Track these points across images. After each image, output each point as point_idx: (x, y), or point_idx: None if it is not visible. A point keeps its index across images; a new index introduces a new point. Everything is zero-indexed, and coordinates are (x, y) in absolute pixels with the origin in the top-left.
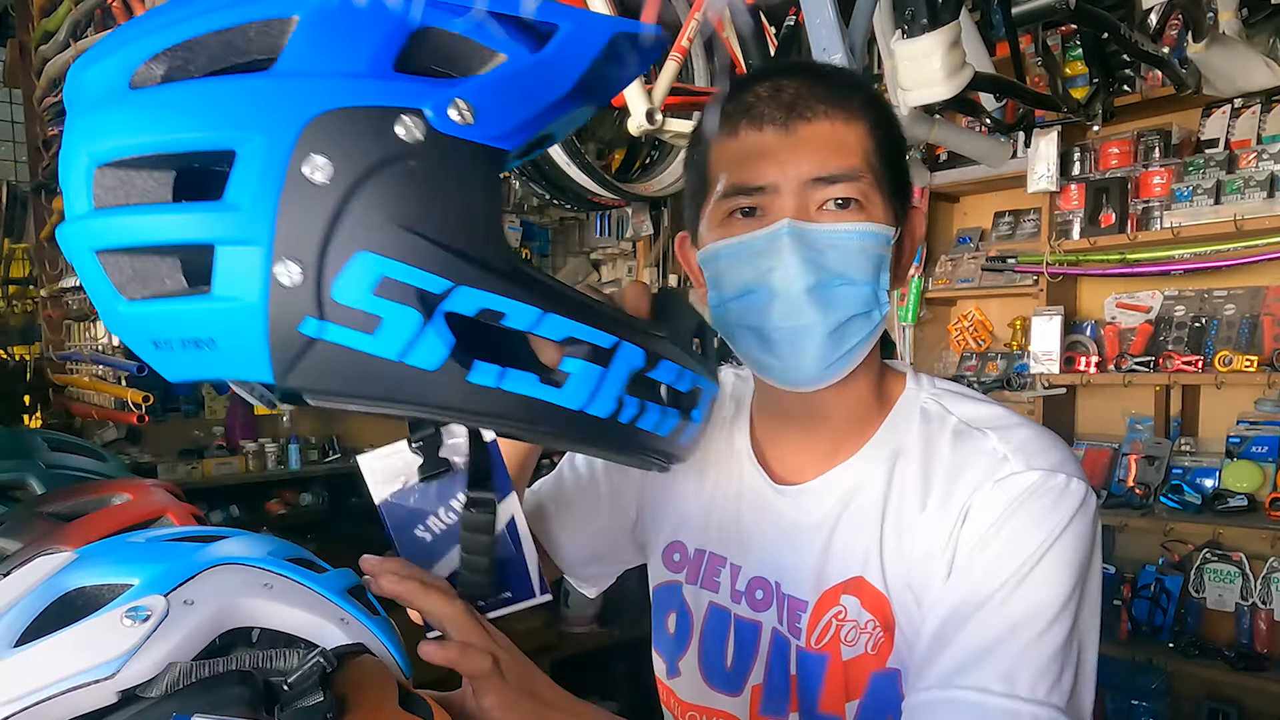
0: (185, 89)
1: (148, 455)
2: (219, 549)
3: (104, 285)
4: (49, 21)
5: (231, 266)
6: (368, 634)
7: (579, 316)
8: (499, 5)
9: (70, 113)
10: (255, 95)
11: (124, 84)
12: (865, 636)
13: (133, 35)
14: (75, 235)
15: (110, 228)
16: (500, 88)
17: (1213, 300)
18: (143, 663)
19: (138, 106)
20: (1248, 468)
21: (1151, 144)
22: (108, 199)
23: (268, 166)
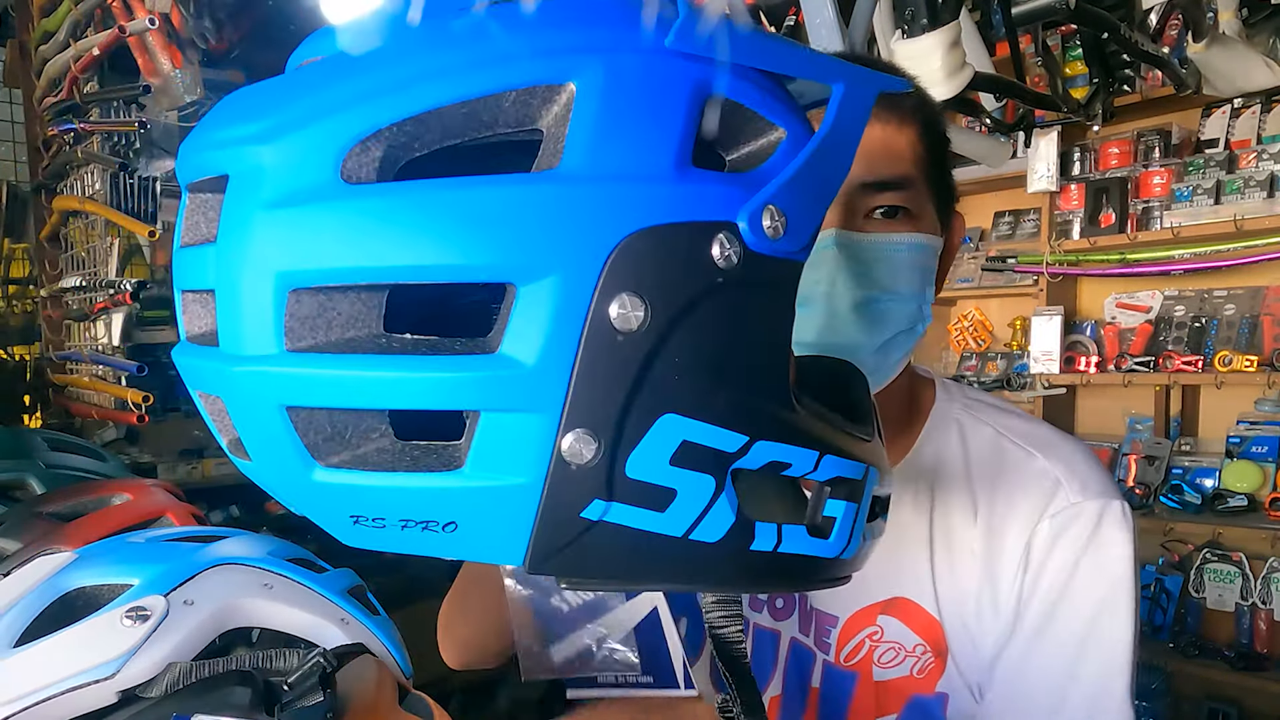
0: (436, 193)
1: (147, 455)
2: (219, 549)
3: (288, 446)
4: (49, 21)
5: (500, 439)
6: (368, 634)
7: (843, 450)
8: (770, 59)
9: (245, 203)
10: (544, 210)
11: (332, 175)
12: (911, 660)
13: (339, 100)
14: (258, 383)
15: (316, 381)
16: (803, 182)
17: (1213, 300)
18: (143, 663)
19: (364, 213)
20: (1247, 468)
21: (1151, 144)
22: (306, 336)
23: (564, 310)
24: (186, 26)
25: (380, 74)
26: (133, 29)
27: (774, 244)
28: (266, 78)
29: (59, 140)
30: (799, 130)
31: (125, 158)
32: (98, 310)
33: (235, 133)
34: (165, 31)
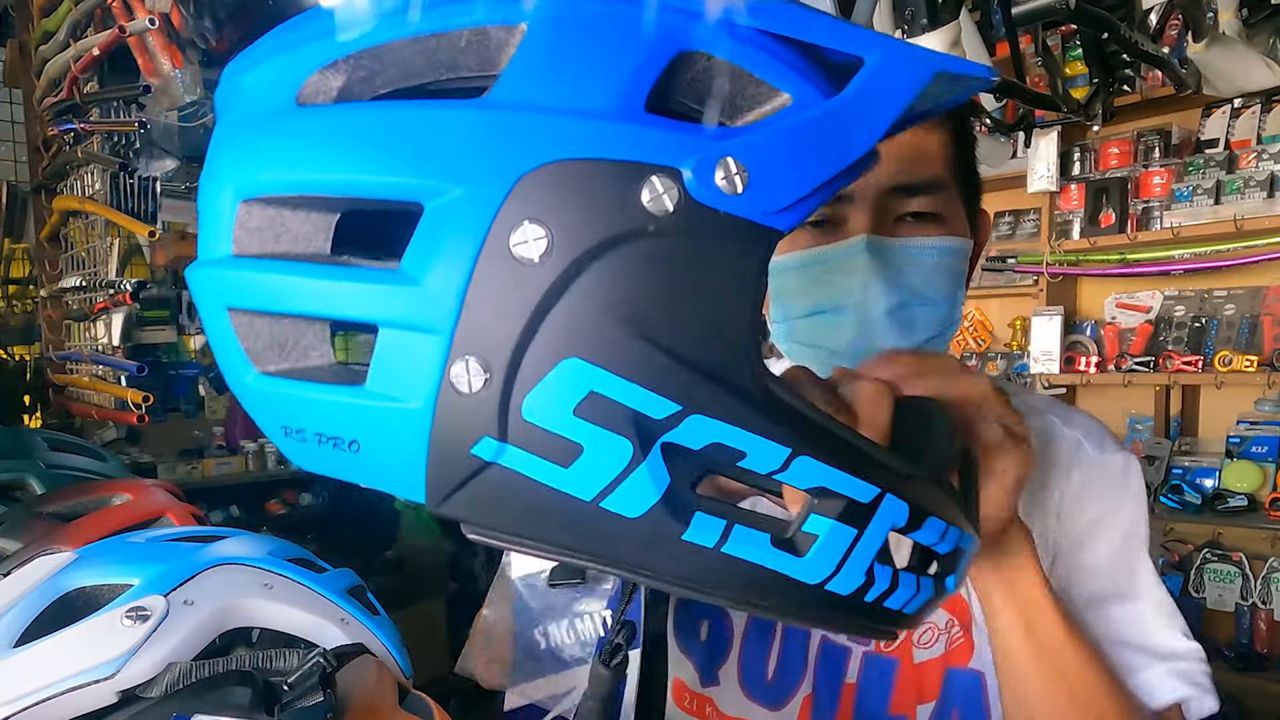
0: (367, 113)
1: (147, 455)
2: (219, 549)
3: (232, 347)
4: (49, 21)
5: (394, 356)
6: (368, 634)
7: (838, 460)
8: (785, 24)
9: (219, 126)
10: (459, 132)
11: (289, 99)
12: (945, 637)
13: (306, 35)
14: (207, 284)
15: (250, 284)
16: (784, 143)
17: (1213, 300)
18: (143, 663)
19: (303, 131)
20: (1247, 468)
21: (1151, 144)
22: (251, 244)
23: (462, 231)
24: (186, 26)
25: (343, 13)
26: (133, 29)
27: (728, 199)
28: None
29: (59, 140)
30: (810, 98)
31: (125, 158)
32: (98, 310)
33: (236, 63)
34: (165, 31)
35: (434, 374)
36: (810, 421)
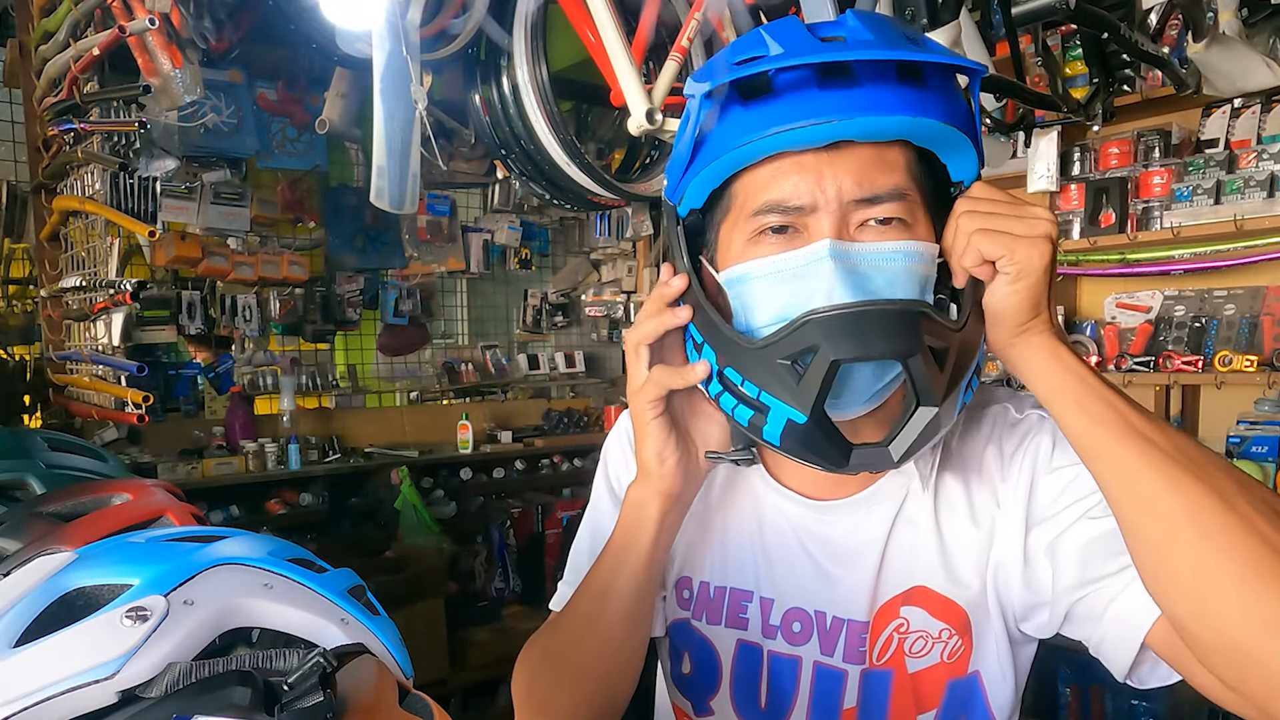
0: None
1: (147, 455)
2: (219, 549)
3: None
4: (49, 21)
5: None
6: (368, 634)
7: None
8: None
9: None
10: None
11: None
12: (939, 646)
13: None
14: None
15: None
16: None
17: (1213, 300)
18: (143, 663)
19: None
20: (1248, 468)
21: (1151, 144)
22: None
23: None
24: (186, 26)
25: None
26: (133, 29)
27: (665, 192)
28: (266, 77)
29: (59, 140)
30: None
31: (125, 158)
32: (98, 310)
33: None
34: (165, 31)
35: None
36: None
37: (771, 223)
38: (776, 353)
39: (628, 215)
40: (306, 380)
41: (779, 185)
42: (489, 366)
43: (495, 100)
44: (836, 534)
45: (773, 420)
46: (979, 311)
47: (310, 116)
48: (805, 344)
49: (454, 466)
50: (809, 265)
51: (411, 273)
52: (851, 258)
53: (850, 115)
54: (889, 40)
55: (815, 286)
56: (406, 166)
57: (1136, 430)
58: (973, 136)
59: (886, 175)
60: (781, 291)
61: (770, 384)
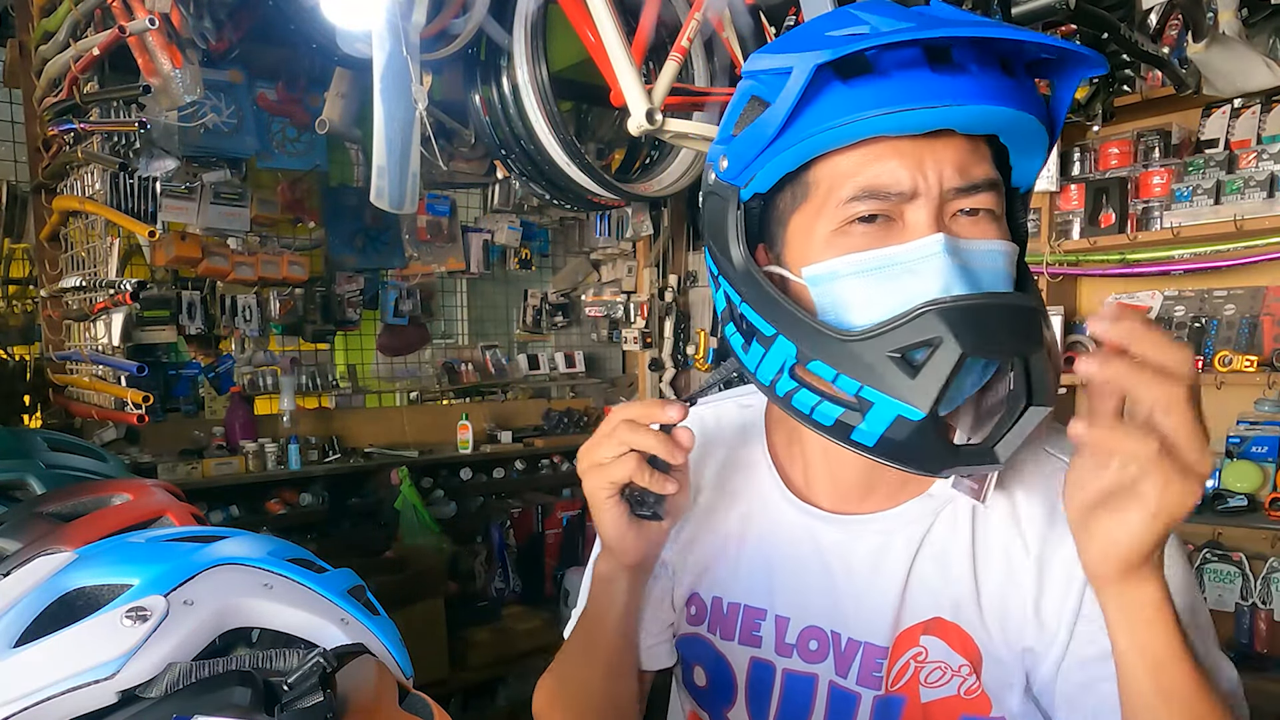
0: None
1: (147, 455)
2: (219, 549)
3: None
4: (49, 21)
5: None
6: (368, 634)
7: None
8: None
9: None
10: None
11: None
12: (957, 680)
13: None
14: None
15: None
16: (741, 140)
17: (1213, 300)
18: (143, 663)
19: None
20: (1247, 468)
21: (1151, 144)
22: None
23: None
24: (186, 26)
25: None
26: (133, 29)
27: (723, 173)
28: (266, 77)
29: (59, 140)
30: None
31: (125, 158)
32: (98, 310)
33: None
34: (165, 31)
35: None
36: (786, 310)
37: (862, 211)
38: (886, 344)
39: (628, 215)
40: (306, 380)
41: (876, 170)
42: (489, 366)
43: (495, 100)
44: (860, 552)
45: (874, 418)
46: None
47: (310, 116)
48: (924, 335)
49: (454, 466)
50: (921, 261)
51: (411, 273)
52: (962, 253)
53: (962, 102)
54: (988, 24)
55: (928, 283)
56: (406, 166)
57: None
58: (1053, 136)
59: (981, 165)
60: (886, 288)
61: (878, 378)
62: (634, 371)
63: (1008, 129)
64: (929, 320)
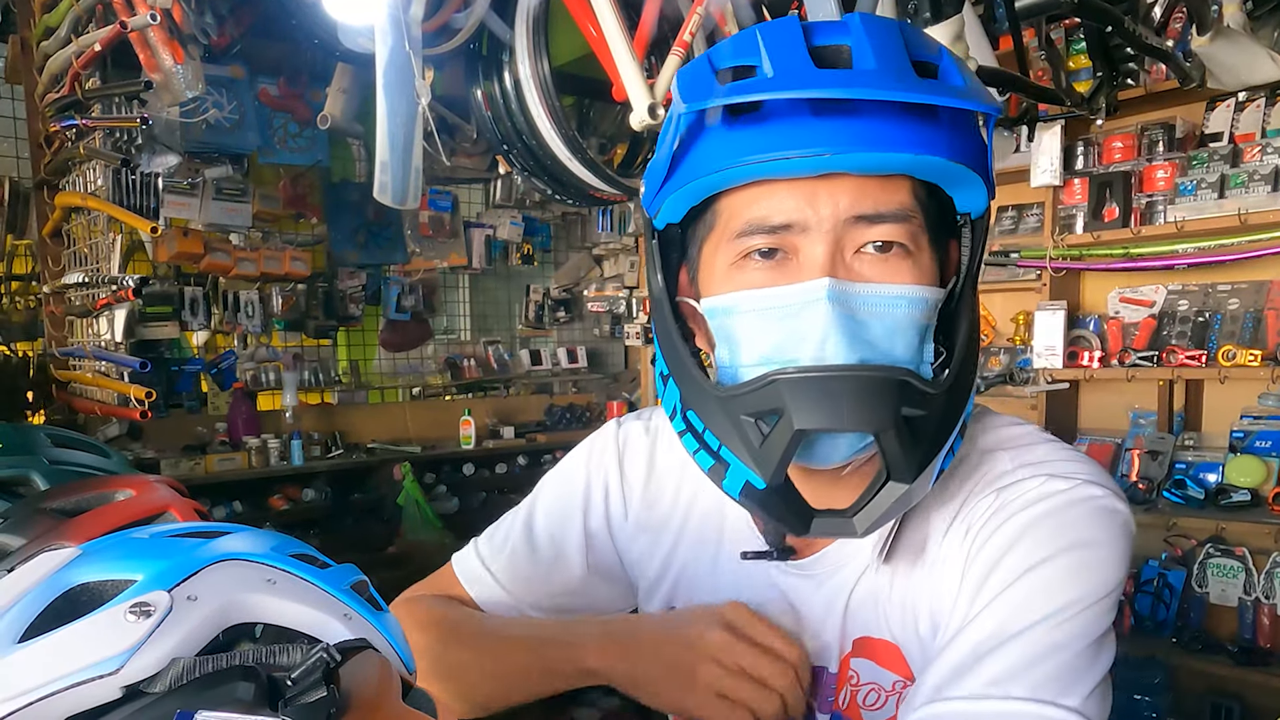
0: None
1: (150, 451)
2: (222, 545)
3: None
4: (50, 17)
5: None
6: (371, 630)
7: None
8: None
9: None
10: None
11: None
12: (893, 698)
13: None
14: None
15: None
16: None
17: (1216, 294)
18: (146, 658)
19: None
20: (1251, 462)
21: (1155, 138)
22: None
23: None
24: (188, 22)
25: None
26: (134, 25)
27: (643, 200)
28: (268, 73)
29: (61, 136)
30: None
31: (127, 154)
32: (100, 306)
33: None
34: (167, 27)
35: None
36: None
37: (758, 245)
38: (740, 407)
39: (630, 210)
40: (309, 376)
41: (766, 203)
42: (491, 362)
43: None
44: (809, 582)
45: (732, 476)
46: (971, 358)
47: (312, 112)
48: (770, 405)
49: (456, 462)
50: (803, 306)
51: (414, 268)
52: (851, 300)
53: (846, 150)
54: (894, 62)
55: (808, 331)
56: (409, 162)
57: None
58: (984, 173)
59: (890, 194)
60: (771, 331)
61: (731, 439)
62: (636, 367)
63: (918, 170)
64: (774, 391)
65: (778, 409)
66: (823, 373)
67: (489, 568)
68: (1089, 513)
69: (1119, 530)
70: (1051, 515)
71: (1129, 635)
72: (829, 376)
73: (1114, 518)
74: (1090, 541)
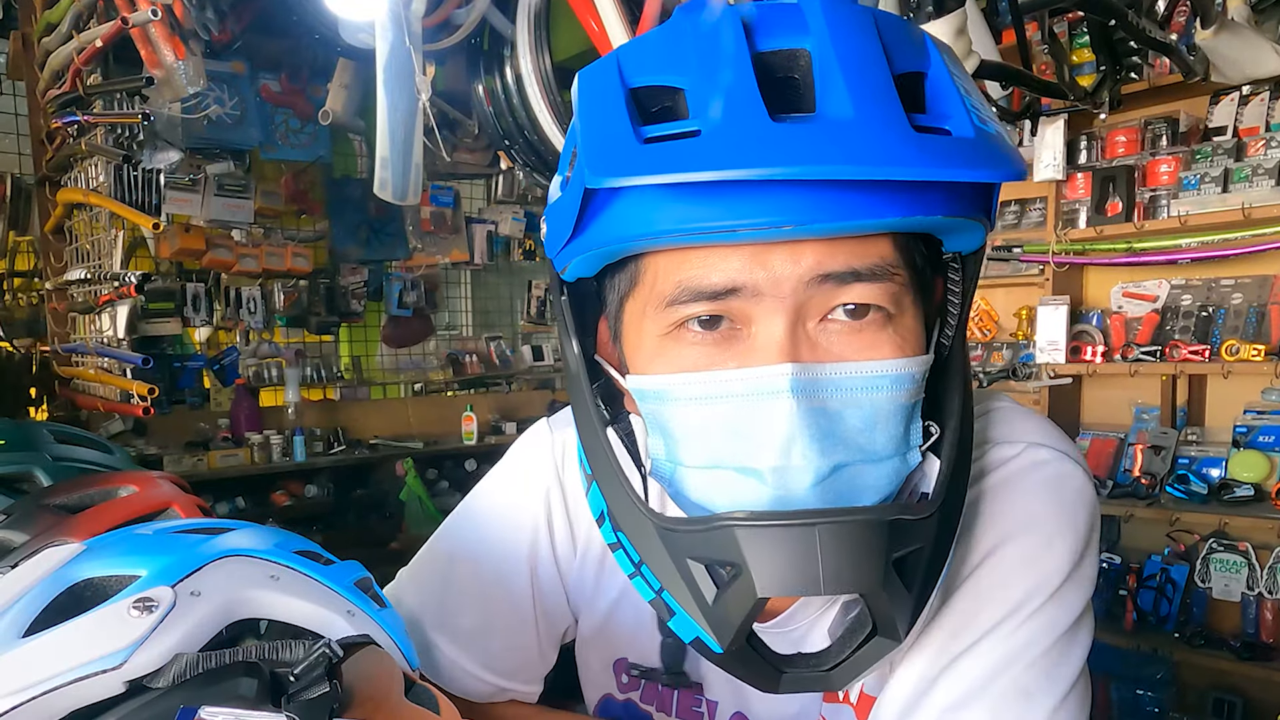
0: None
1: (153, 447)
2: (226, 541)
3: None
4: (51, 14)
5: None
6: (374, 626)
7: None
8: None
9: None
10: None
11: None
12: None
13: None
14: None
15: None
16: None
17: (1220, 289)
18: (150, 653)
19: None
20: (1254, 457)
21: (1159, 132)
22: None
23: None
24: (189, 18)
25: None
26: (135, 21)
27: (545, 242)
28: (269, 69)
29: (62, 133)
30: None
31: (129, 150)
32: (102, 303)
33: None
34: (168, 23)
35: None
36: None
37: (696, 313)
38: (686, 548)
39: None
40: (311, 372)
41: (705, 262)
42: (493, 358)
43: (499, 91)
44: (782, 641)
45: (680, 625)
46: (967, 439)
47: (313, 108)
48: (724, 556)
49: (459, 458)
50: (759, 399)
51: (415, 264)
52: (821, 389)
53: (811, 222)
54: (878, 103)
55: (768, 433)
56: (410, 158)
57: None
58: (986, 218)
59: (864, 247)
60: (718, 427)
61: (676, 587)
62: None
63: (904, 228)
64: (728, 539)
65: (733, 562)
66: (788, 522)
67: (416, 591)
68: (1035, 484)
69: (1071, 497)
70: (994, 494)
71: (1132, 630)
72: (798, 527)
73: (1063, 484)
74: (1038, 520)
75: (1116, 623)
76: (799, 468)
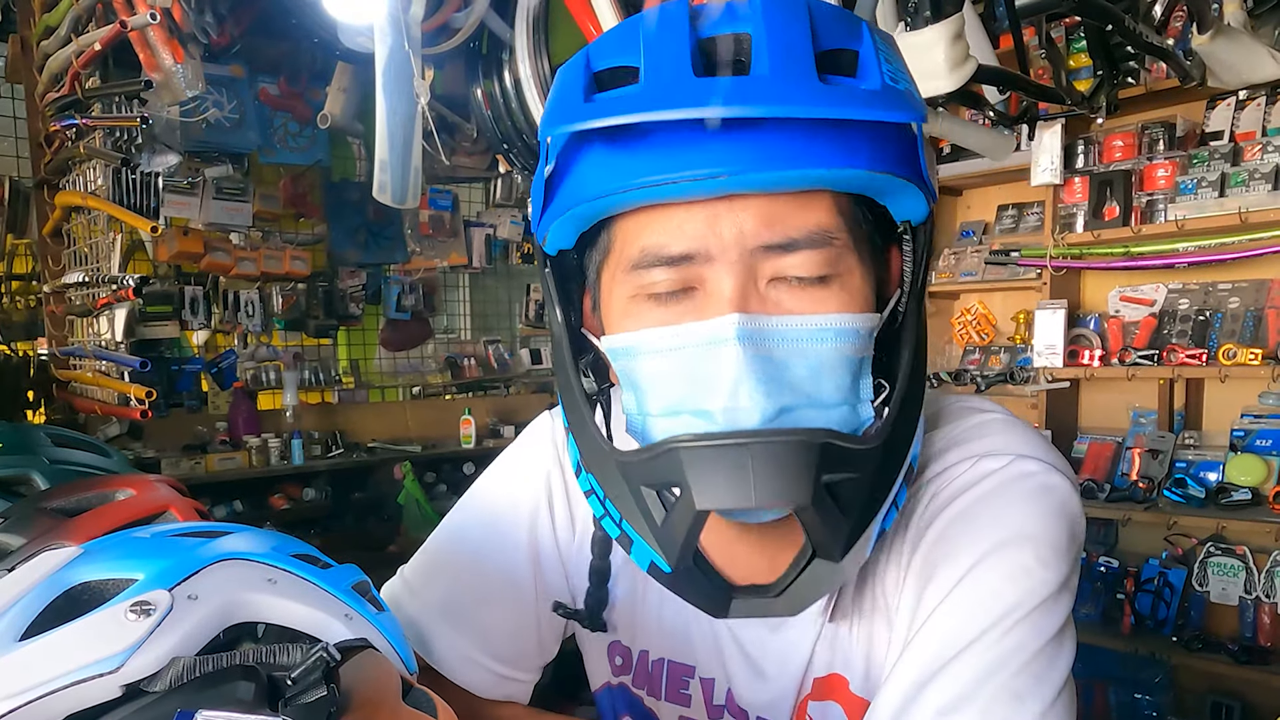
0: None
1: (151, 450)
2: (223, 544)
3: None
4: (50, 17)
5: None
6: (371, 629)
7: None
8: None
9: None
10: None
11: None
12: None
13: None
14: None
15: None
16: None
17: (1217, 293)
18: (147, 657)
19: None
20: (1252, 461)
21: (1156, 136)
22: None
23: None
24: (188, 21)
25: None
26: (134, 24)
27: (532, 220)
28: (268, 72)
29: (61, 136)
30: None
31: (127, 153)
32: (101, 306)
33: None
34: (167, 26)
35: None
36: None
37: (657, 278)
38: (639, 476)
39: None
40: (309, 375)
41: (660, 229)
42: (491, 361)
43: (497, 94)
44: (763, 629)
45: (638, 552)
46: (915, 394)
47: (312, 111)
48: (669, 478)
49: (457, 461)
50: (710, 347)
51: (414, 268)
52: (766, 338)
53: (744, 171)
54: (796, 62)
55: (717, 377)
56: (408, 161)
57: None
58: (917, 179)
59: (805, 213)
60: (676, 377)
61: (632, 514)
62: None
63: (835, 184)
64: (672, 460)
65: (677, 482)
66: (725, 441)
67: (416, 586)
68: (1023, 495)
69: (1056, 509)
70: (982, 504)
71: (1129, 634)
72: (733, 446)
73: (1050, 496)
74: (1026, 532)
75: (1114, 626)
76: (746, 408)
